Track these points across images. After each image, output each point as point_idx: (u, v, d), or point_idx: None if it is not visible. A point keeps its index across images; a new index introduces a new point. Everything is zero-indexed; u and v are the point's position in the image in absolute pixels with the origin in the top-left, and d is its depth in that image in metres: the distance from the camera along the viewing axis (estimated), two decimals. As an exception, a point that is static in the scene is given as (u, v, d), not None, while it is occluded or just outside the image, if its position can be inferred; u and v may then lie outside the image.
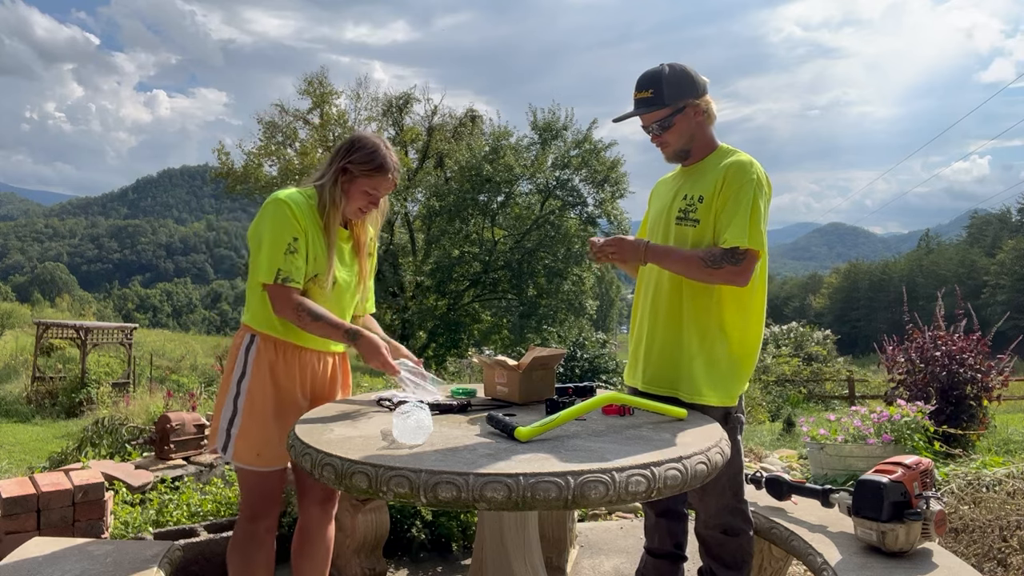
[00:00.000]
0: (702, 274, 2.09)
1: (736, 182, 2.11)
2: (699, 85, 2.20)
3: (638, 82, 2.21)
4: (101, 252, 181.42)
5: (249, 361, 2.12)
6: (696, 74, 2.21)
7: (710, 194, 2.16)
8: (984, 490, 3.18)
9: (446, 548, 3.38)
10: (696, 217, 2.18)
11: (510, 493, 1.36)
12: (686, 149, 2.25)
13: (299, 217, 2.08)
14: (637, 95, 2.20)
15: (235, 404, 2.11)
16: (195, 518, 3.39)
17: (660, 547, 2.42)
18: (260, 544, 2.16)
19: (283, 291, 2.04)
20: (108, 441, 5.65)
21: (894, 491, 1.90)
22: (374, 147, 2.14)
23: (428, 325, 27.04)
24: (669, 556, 2.41)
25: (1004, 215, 75.68)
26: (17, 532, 2.64)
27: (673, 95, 2.16)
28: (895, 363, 5.70)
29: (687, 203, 2.21)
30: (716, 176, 2.16)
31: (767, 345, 20.90)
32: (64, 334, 13.79)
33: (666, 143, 2.25)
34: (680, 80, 2.17)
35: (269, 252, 2.04)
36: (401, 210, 28.20)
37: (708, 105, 2.22)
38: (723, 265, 2.05)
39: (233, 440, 2.10)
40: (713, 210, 2.14)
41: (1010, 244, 62.81)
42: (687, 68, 2.20)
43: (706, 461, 1.57)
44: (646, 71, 2.21)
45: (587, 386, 2.23)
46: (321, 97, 27.46)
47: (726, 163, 2.17)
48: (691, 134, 2.23)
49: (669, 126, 2.20)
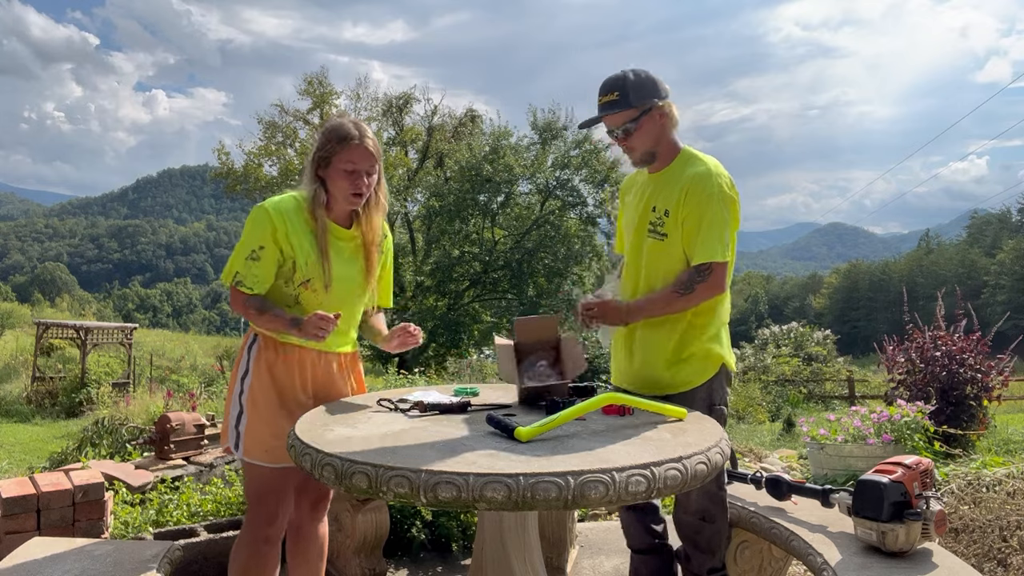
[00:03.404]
0: (682, 303, 2.19)
1: (695, 197, 2.18)
2: (662, 89, 2.25)
3: (602, 87, 2.25)
4: (101, 252, 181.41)
5: (251, 360, 2.15)
6: (659, 79, 2.26)
7: (674, 207, 2.22)
8: (984, 490, 3.18)
9: (446, 548, 3.38)
10: (664, 231, 2.26)
11: (510, 493, 1.36)
12: (652, 152, 2.29)
13: (279, 225, 2.06)
14: (602, 99, 2.23)
15: (240, 402, 2.14)
16: (195, 518, 3.39)
17: (642, 544, 2.48)
18: (266, 552, 2.13)
19: (237, 293, 2.10)
20: (108, 441, 5.66)
21: (894, 491, 1.90)
22: (336, 123, 2.12)
23: (428, 325, 27.01)
24: (654, 550, 2.47)
25: (1004, 215, 75.70)
26: (17, 532, 2.64)
27: (639, 97, 2.20)
28: (895, 363, 5.70)
29: (656, 216, 2.28)
30: (679, 188, 2.22)
31: (767, 345, 20.91)
32: (64, 334, 13.80)
33: (632, 147, 2.28)
34: (644, 83, 2.21)
35: (234, 257, 2.10)
36: (401, 210, 28.19)
37: (671, 108, 2.26)
38: (695, 287, 2.16)
39: (242, 437, 2.12)
40: (679, 223, 2.22)
41: (1010, 244, 62.81)
42: (650, 72, 2.25)
43: (706, 461, 1.57)
44: (609, 76, 2.25)
45: (587, 386, 2.23)
46: (321, 97, 27.43)
47: (688, 175, 2.23)
48: (656, 137, 2.26)
49: (635, 128, 2.22)
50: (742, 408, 13.01)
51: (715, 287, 2.18)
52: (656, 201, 2.28)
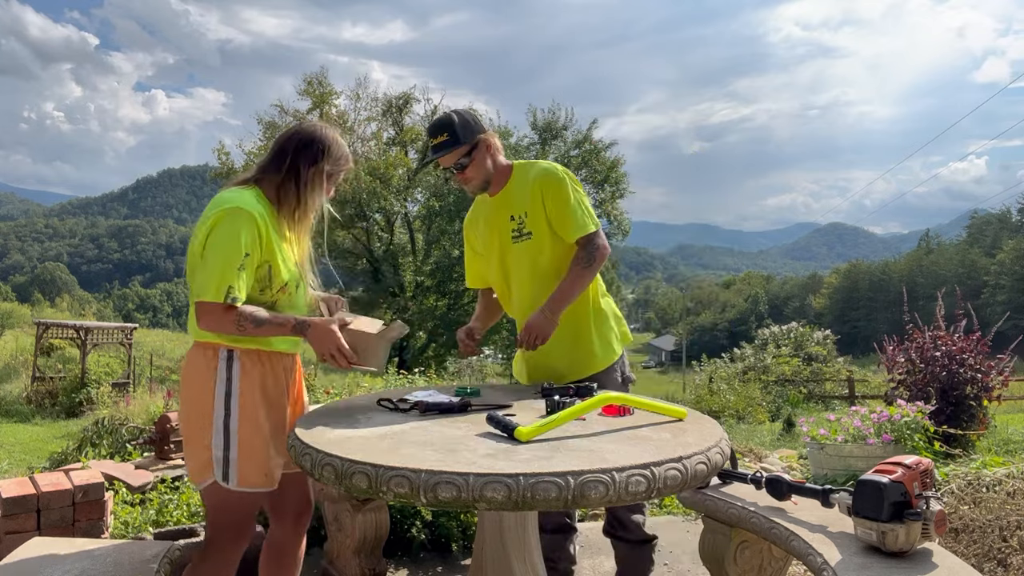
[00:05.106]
0: (588, 275, 2.43)
1: (551, 188, 2.44)
2: (482, 123, 2.50)
3: (430, 130, 2.45)
4: (101, 252, 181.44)
5: (234, 379, 1.96)
6: (478, 115, 2.54)
7: (531, 206, 2.46)
8: (984, 490, 3.17)
9: (446, 548, 3.38)
10: (528, 230, 2.48)
11: (510, 493, 1.36)
12: (487, 179, 2.50)
13: (263, 230, 1.94)
14: (434, 141, 2.43)
15: (226, 428, 1.94)
16: (195, 518, 3.39)
17: (549, 521, 2.71)
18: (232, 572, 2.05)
19: (225, 310, 1.88)
20: (108, 441, 5.66)
21: (894, 491, 1.90)
22: (340, 140, 2.11)
23: (428, 325, 27.02)
24: (562, 530, 2.76)
25: (1004, 215, 75.72)
26: (17, 532, 2.64)
27: (466, 134, 2.41)
28: (895, 363, 5.70)
29: (516, 223, 2.50)
30: (531, 189, 2.46)
31: (767, 345, 20.91)
32: (64, 334, 13.80)
33: (469, 178, 2.48)
34: (467, 121, 2.43)
35: (221, 268, 1.87)
36: (401, 210, 28.18)
37: (494, 138, 2.51)
38: (593, 258, 2.42)
39: (234, 465, 1.93)
40: (545, 218, 2.45)
41: (1010, 244, 62.83)
42: (470, 110, 2.56)
43: (706, 461, 1.57)
44: (435, 119, 2.48)
45: (587, 386, 2.23)
46: (321, 97, 27.42)
47: (532, 176, 2.48)
48: (488, 165, 2.48)
49: (469, 162, 2.44)
50: (742, 408, 13.01)
51: (602, 248, 2.45)
52: (511, 211, 2.51)
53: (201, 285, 1.88)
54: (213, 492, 1.96)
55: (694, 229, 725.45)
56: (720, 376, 17.27)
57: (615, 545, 2.77)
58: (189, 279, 1.98)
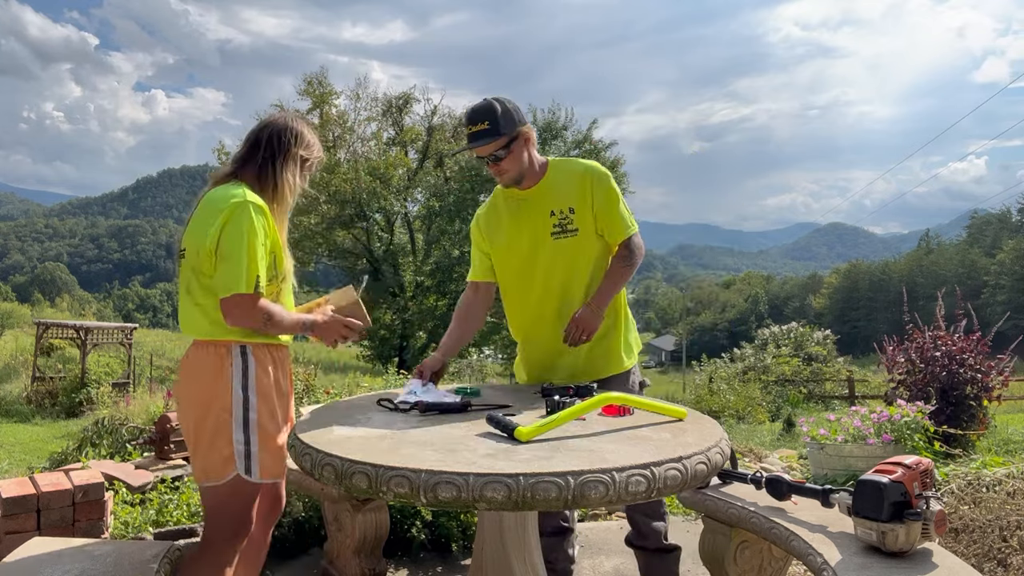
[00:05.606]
0: (629, 273, 2.45)
1: (602, 186, 2.43)
2: (523, 114, 2.43)
3: (471, 117, 2.36)
4: (101, 252, 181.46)
5: (250, 373, 1.99)
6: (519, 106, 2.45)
7: (579, 203, 2.42)
8: (984, 490, 3.17)
9: (446, 548, 3.38)
10: (575, 227, 2.43)
11: (510, 493, 1.36)
12: (522, 173, 2.43)
13: (269, 220, 2.01)
14: (472, 129, 2.35)
15: (247, 423, 1.97)
16: (195, 518, 3.39)
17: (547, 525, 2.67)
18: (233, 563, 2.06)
19: (254, 300, 1.92)
20: (108, 441, 5.66)
21: (894, 491, 1.90)
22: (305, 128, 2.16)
23: (428, 325, 27.01)
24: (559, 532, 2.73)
25: (1004, 215, 75.74)
26: (17, 532, 2.64)
27: (508, 125, 2.33)
28: (895, 363, 5.70)
29: (560, 217, 2.43)
30: (577, 186, 2.43)
31: (767, 345, 20.90)
32: (64, 334, 13.79)
33: (504, 170, 2.41)
34: (509, 111, 2.35)
35: (249, 260, 1.90)
36: (401, 210, 28.19)
37: (532, 132, 2.45)
38: (634, 256, 2.45)
39: (256, 458, 1.97)
40: (593, 214, 2.42)
41: (1010, 244, 62.84)
42: (512, 101, 2.43)
43: (706, 461, 1.57)
44: (476, 106, 2.37)
45: (587, 386, 2.23)
46: (321, 97, 27.42)
47: (580, 172, 2.45)
48: (525, 159, 2.41)
49: (507, 154, 2.36)
50: (742, 408, 13.01)
51: (641, 247, 2.49)
52: (552, 205, 2.44)
53: (232, 278, 1.89)
54: (227, 488, 1.97)
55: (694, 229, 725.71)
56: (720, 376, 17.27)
57: (637, 555, 2.73)
58: (193, 278, 2.00)
